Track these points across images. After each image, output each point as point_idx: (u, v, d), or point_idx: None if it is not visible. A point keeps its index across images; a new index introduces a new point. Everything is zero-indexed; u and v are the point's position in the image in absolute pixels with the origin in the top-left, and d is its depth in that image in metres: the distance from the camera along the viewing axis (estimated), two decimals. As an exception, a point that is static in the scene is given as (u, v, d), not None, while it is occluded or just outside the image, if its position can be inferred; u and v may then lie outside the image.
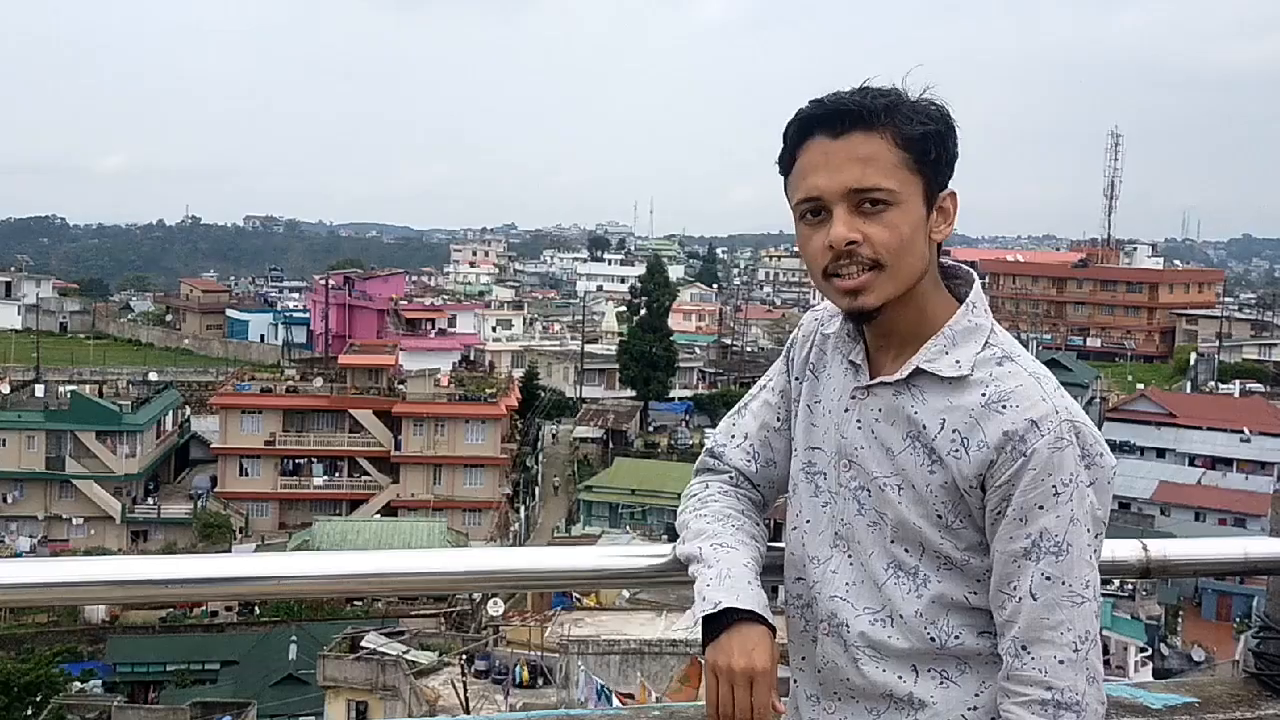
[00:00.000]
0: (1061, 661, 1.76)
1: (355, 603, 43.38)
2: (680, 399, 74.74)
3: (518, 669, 32.19)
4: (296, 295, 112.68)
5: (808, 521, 1.98)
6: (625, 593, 34.17)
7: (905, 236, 1.81)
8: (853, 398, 1.93)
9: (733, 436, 2.11)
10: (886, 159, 1.80)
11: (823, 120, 1.83)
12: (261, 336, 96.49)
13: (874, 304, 1.83)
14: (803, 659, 1.99)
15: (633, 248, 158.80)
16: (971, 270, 1.96)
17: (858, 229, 1.80)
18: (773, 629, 1.86)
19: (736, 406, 2.15)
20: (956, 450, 1.82)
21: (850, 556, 1.92)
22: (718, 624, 1.86)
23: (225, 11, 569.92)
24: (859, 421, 1.92)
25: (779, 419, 2.07)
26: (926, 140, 1.82)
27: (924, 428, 1.85)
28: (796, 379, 2.05)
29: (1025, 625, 1.78)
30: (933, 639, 1.85)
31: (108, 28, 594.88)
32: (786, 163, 1.89)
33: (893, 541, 1.87)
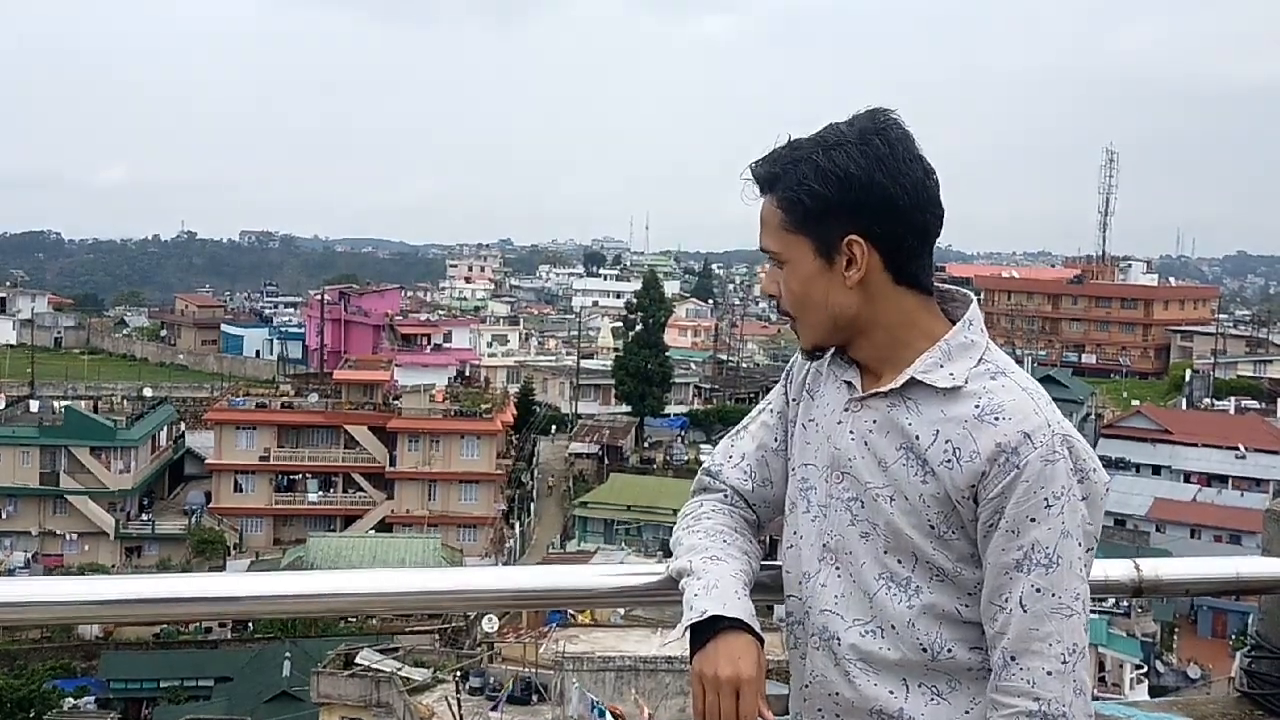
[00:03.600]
0: (1049, 673, 1.78)
1: (349, 619, 43.28)
2: (676, 415, 74.64)
3: (512, 685, 32.14)
4: (292, 310, 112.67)
5: (801, 538, 2.00)
6: (620, 609, 34.12)
7: (795, 292, 1.95)
8: (846, 410, 1.97)
9: (730, 457, 2.14)
10: (772, 221, 1.95)
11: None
12: (257, 352, 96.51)
13: (805, 346, 2.01)
14: (792, 676, 2.01)
15: (628, 263, 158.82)
16: (968, 293, 2.00)
17: (777, 282, 1.97)
18: (760, 638, 1.88)
19: (736, 428, 2.19)
20: (949, 461, 1.84)
21: (838, 569, 1.94)
22: (705, 633, 1.88)
23: (221, 26, 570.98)
24: (852, 433, 1.95)
25: (776, 440, 2.10)
26: (796, 204, 1.90)
27: (917, 439, 1.88)
28: (794, 400, 2.09)
29: (1014, 636, 1.80)
30: (924, 649, 1.86)
31: (103, 42, 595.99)
32: None
33: (885, 552, 1.89)
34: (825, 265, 1.91)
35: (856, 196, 1.87)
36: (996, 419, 1.82)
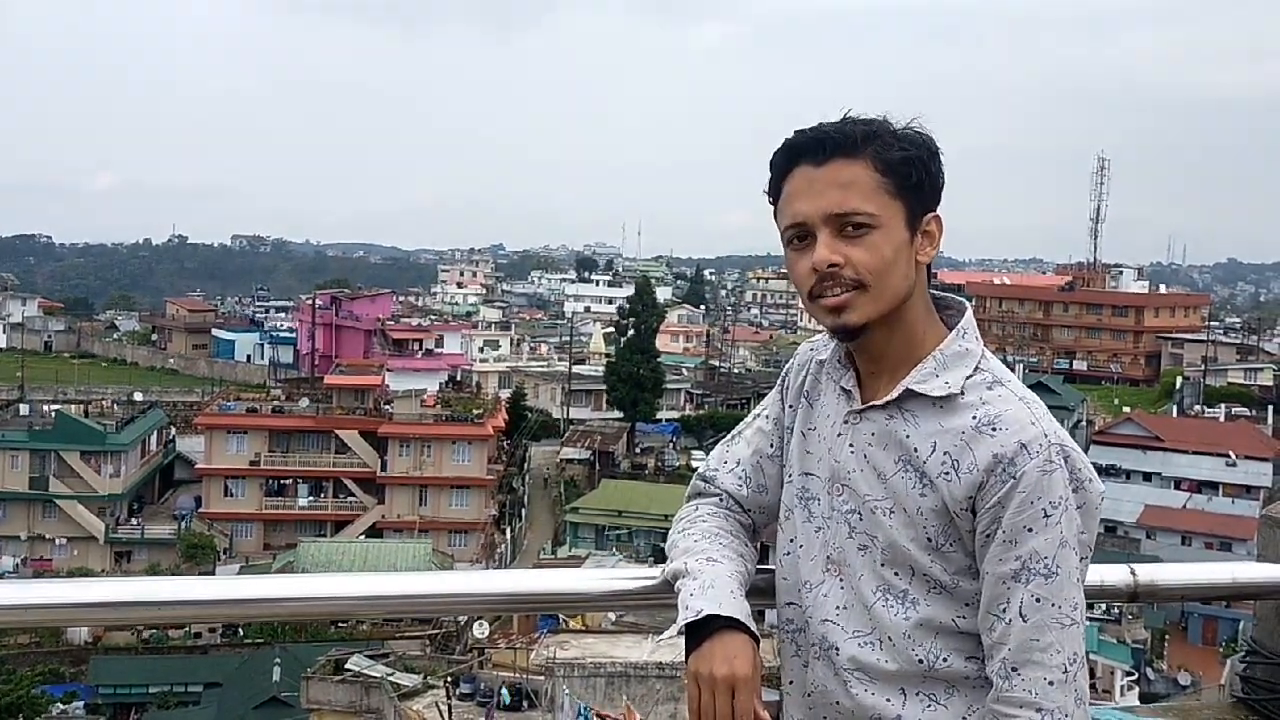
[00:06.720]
0: (1051, 683, 1.78)
1: (339, 624, 43.16)
2: (667, 420, 74.63)
3: (503, 691, 32.07)
4: (283, 315, 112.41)
5: (801, 547, 1.99)
6: (612, 615, 34.07)
7: (886, 258, 1.85)
8: (845, 422, 1.96)
9: (725, 462, 2.13)
10: (866, 184, 1.85)
11: (806, 149, 1.89)
12: (248, 356, 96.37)
13: (857, 321, 1.87)
14: (792, 684, 2.00)
15: (620, 269, 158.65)
16: (963, 300, 1.99)
17: (840, 252, 1.85)
18: (756, 638, 1.87)
19: (731, 434, 2.18)
20: (947, 473, 1.84)
21: (841, 580, 1.93)
22: (700, 632, 1.87)
23: (214, 30, 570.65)
24: (851, 446, 1.94)
25: (772, 446, 2.09)
26: (907, 165, 1.86)
27: (915, 451, 1.87)
28: (790, 406, 2.07)
29: (1015, 647, 1.79)
30: (920, 661, 1.86)
31: (95, 45, 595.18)
32: (774, 191, 1.94)
33: (883, 565, 1.89)
34: (909, 238, 1.88)
35: (939, 176, 1.90)
36: (994, 430, 1.82)
